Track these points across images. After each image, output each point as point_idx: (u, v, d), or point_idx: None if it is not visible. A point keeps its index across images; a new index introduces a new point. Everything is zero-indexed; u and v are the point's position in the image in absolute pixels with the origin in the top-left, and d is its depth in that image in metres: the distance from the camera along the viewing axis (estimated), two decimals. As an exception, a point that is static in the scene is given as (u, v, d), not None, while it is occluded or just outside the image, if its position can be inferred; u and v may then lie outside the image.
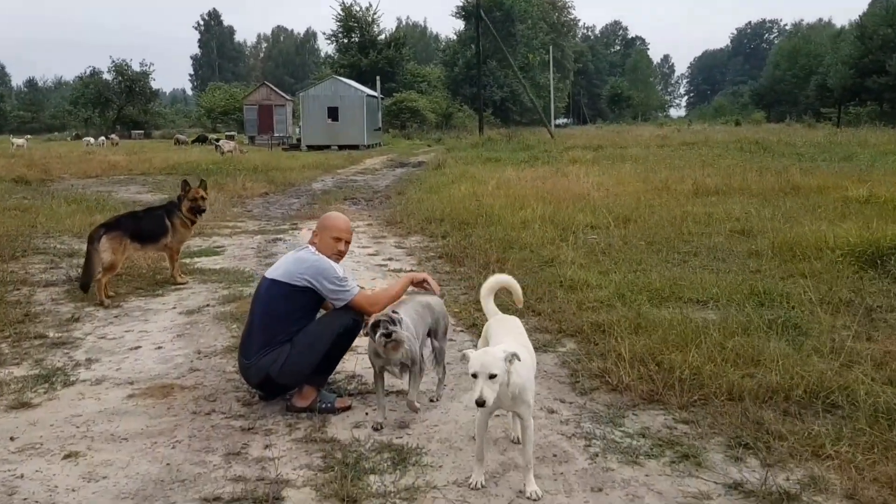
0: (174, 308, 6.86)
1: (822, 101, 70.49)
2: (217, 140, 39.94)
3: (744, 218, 10.67)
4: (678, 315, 5.86)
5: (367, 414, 4.34)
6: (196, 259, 9.14)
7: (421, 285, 4.76)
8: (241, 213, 14.24)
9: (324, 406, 4.37)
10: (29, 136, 48.63)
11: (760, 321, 5.61)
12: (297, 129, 47.05)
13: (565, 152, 25.89)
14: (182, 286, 7.72)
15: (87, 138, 46.00)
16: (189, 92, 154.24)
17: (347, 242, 4.70)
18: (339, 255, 4.61)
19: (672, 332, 5.34)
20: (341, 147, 39.92)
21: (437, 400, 4.55)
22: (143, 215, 7.70)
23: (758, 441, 3.81)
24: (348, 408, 4.42)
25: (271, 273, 4.50)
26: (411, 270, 8.32)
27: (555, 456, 3.77)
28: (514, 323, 3.95)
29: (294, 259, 4.48)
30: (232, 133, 54.70)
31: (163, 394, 4.74)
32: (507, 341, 3.58)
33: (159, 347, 5.70)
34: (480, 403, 3.18)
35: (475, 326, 6.05)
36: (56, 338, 5.93)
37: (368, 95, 44.50)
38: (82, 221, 11.58)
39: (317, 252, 4.50)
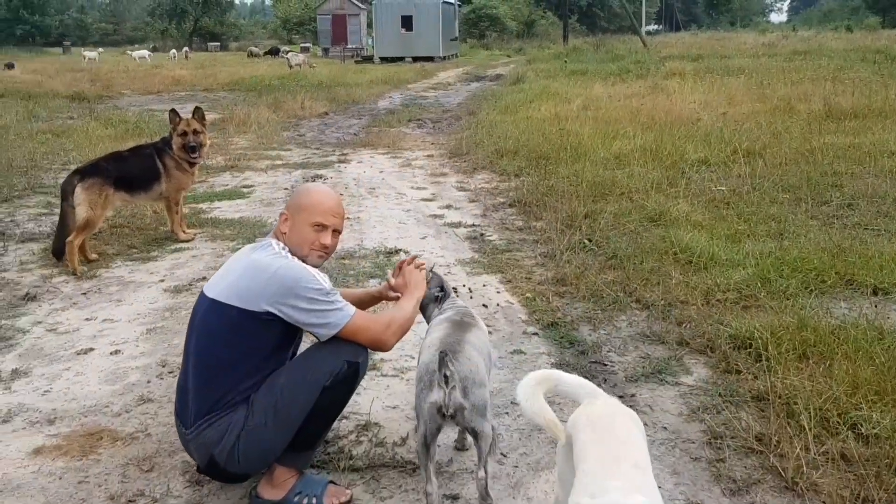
0: (162, 281, 5.27)
1: (949, 4, 63.22)
2: (287, 53, 38.24)
3: (904, 152, 8.35)
4: (862, 322, 3.91)
5: (376, 518, 2.66)
6: (215, 204, 7.53)
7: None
8: (292, 137, 12.57)
9: (306, 502, 2.70)
10: (101, 50, 47.85)
11: None
12: (371, 41, 44.85)
13: (661, 63, 23.05)
14: (185, 244, 6.15)
15: (142, 52, 42.76)
16: (268, 2, 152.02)
17: (337, 232, 2.84)
18: (321, 254, 2.80)
19: (865, 359, 3.42)
20: (415, 59, 37.60)
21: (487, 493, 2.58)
22: (128, 156, 6.05)
23: None
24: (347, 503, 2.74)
25: (213, 288, 2.73)
26: (473, 225, 6.51)
27: None
28: (629, 433, 2.02)
29: (247, 265, 2.68)
30: (307, 45, 52.85)
31: (83, 449, 3.15)
32: (616, 481, 1.77)
33: (116, 351, 4.13)
34: None
35: (557, 327, 4.26)
36: (-7, 329, 4.45)
37: (445, 3, 41.69)
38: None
39: (285, 250, 2.74)
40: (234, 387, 2.62)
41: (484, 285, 4.99)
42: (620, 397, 3.45)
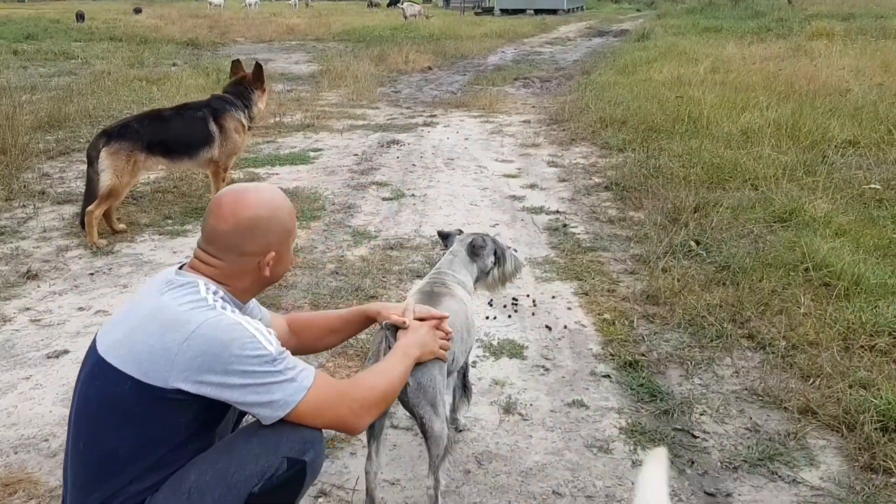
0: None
1: None
2: (403, 3, 37.36)
3: None
4: None
5: None
6: (275, 169, 6.78)
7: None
8: (385, 94, 11.73)
9: None
10: (227, -4, 48.27)
11: None
12: (494, -9, 43.27)
13: (806, 22, 20.68)
14: (226, 217, 5.43)
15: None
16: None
17: None
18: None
19: None
20: (537, 11, 35.84)
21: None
22: (172, 116, 5.29)
23: None
24: None
25: (106, 337, 1.85)
26: (557, 212, 5.47)
27: None
28: None
29: (152, 315, 1.79)
30: (432, -6, 51.78)
31: (-10, 506, 2.46)
32: None
33: (92, 358, 3.43)
34: None
35: (636, 369, 3.23)
36: (-24, 314, 3.86)
37: (573, -49, 39.56)
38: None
39: (216, 295, 1.84)
40: (124, 487, 1.77)
41: (553, 297, 3.99)
42: (710, 495, 2.44)
